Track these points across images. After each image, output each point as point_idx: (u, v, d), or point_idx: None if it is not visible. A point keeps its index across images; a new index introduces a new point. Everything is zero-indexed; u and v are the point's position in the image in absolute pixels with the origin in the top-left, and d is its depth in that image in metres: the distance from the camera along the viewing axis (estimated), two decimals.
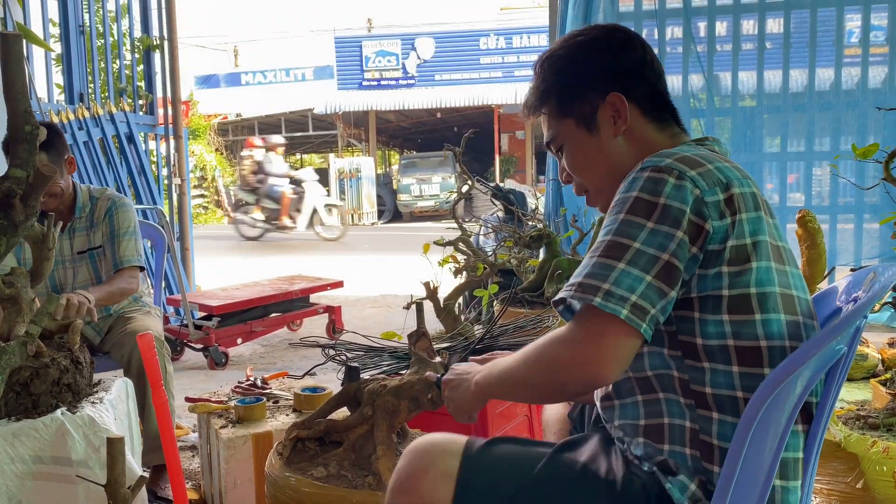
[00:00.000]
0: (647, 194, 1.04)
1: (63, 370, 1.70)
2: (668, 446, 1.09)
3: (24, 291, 1.63)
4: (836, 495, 1.93)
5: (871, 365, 2.46)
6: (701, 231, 1.02)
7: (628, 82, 1.22)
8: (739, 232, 1.03)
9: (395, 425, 1.51)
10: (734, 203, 1.04)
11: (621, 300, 0.98)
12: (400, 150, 26.88)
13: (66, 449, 1.59)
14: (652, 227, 1.02)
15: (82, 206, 2.61)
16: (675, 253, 1.01)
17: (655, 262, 1.00)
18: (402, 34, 19.64)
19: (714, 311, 1.05)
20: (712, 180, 1.04)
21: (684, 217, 1.01)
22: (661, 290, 1.00)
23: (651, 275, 1.00)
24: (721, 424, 1.06)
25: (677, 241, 1.01)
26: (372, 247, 12.13)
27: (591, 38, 1.26)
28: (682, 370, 1.09)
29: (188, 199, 5.77)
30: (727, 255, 1.03)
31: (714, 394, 1.06)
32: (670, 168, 1.05)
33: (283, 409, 2.18)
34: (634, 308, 0.98)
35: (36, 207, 1.26)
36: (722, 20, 4.78)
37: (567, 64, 1.26)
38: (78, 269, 2.63)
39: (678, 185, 1.03)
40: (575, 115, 1.24)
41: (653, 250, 1.01)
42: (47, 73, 4.67)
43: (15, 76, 1.17)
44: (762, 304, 1.04)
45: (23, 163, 1.20)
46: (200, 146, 18.86)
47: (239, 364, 4.52)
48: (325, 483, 1.44)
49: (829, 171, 4.70)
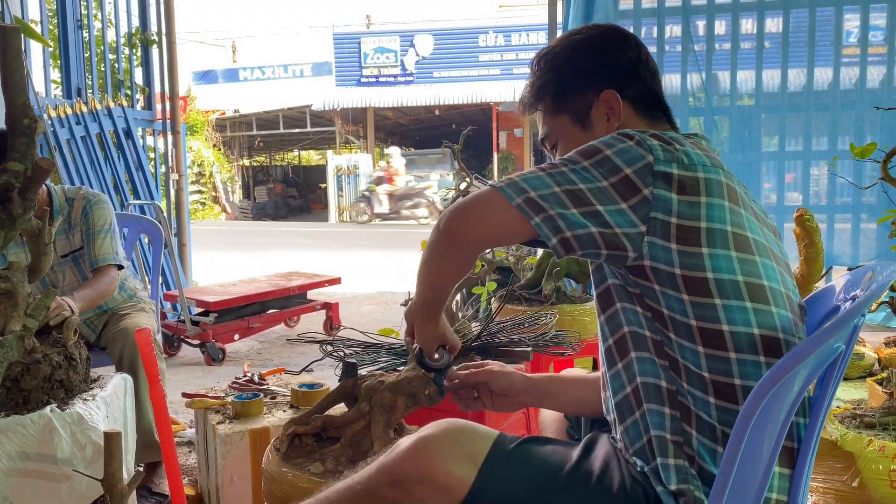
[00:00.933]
0: (602, 145, 1.08)
1: (55, 366, 1.68)
2: (646, 405, 1.10)
3: (20, 286, 1.62)
4: (832, 493, 1.93)
5: (867, 364, 2.47)
6: (636, 191, 1.04)
7: (623, 80, 1.24)
8: (692, 213, 1.04)
9: (392, 421, 1.51)
10: (690, 183, 1.04)
11: (521, 191, 1.04)
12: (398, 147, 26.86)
13: (52, 446, 1.58)
14: (584, 165, 1.06)
15: (59, 209, 2.53)
16: (591, 191, 1.04)
17: (568, 183, 1.05)
18: (401, 31, 19.62)
19: (673, 288, 1.06)
20: (672, 157, 1.05)
21: (619, 173, 1.04)
22: (562, 202, 1.04)
23: (559, 188, 1.04)
24: (692, 396, 1.07)
25: (598, 184, 1.04)
26: (369, 244, 12.12)
27: (587, 37, 1.28)
28: (653, 331, 1.11)
29: (186, 194, 5.76)
30: (674, 231, 1.04)
31: (684, 365, 1.08)
32: (632, 135, 1.08)
33: (280, 405, 2.18)
34: (529, 202, 1.03)
35: (34, 201, 1.26)
36: (721, 19, 4.78)
37: (563, 61, 1.27)
38: (65, 273, 2.59)
39: (629, 148, 1.05)
40: (570, 112, 1.26)
41: (574, 176, 1.05)
42: (45, 68, 4.67)
43: (13, 69, 1.17)
44: (721, 290, 1.05)
45: (21, 156, 1.20)
46: (198, 142, 18.84)
47: (236, 360, 4.52)
48: (323, 479, 1.44)
49: (826, 171, 4.70)
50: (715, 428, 1.06)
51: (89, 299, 2.37)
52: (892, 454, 1.79)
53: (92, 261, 2.52)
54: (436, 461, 1.09)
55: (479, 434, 1.15)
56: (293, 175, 26.32)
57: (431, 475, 1.09)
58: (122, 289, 2.70)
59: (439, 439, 1.11)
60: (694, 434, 1.07)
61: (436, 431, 1.13)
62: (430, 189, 16.58)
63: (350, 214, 17.91)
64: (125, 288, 2.72)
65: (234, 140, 23.51)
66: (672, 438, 1.08)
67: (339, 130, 20.72)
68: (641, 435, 1.12)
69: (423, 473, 1.09)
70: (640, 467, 1.12)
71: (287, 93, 21.11)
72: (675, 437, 1.08)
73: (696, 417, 1.07)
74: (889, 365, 2.38)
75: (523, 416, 2.28)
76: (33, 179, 1.23)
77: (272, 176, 25.41)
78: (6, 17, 3.77)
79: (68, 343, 1.75)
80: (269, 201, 22.40)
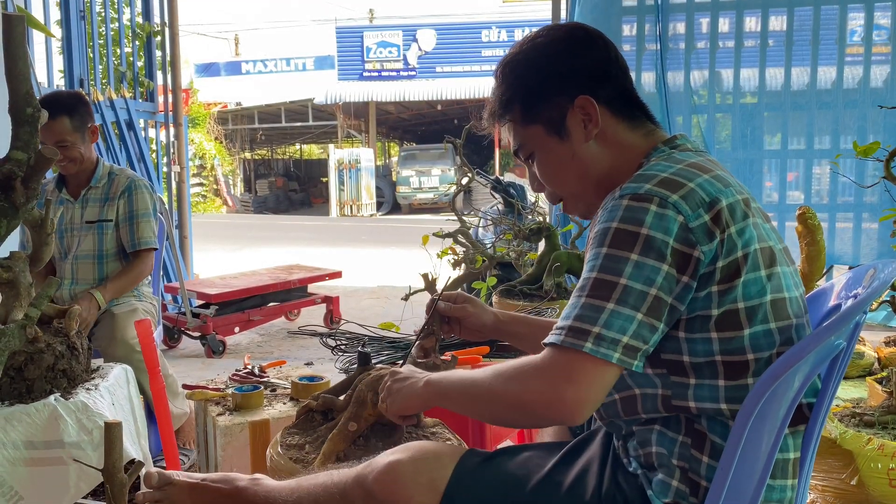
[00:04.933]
0: (629, 224, 0.99)
1: (58, 356, 1.69)
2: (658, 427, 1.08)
3: (21, 275, 1.63)
4: (831, 492, 1.94)
5: (867, 363, 2.47)
6: (689, 259, 0.99)
7: (595, 83, 1.16)
8: (730, 247, 1.00)
9: (362, 415, 1.51)
10: (721, 220, 1.00)
11: (613, 343, 0.96)
12: (400, 141, 26.85)
13: (58, 432, 1.58)
14: (636, 260, 0.98)
15: (100, 177, 2.66)
16: (662, 286, 0.98)
17: (644, 298, 0.97)
18: (404, 25, 19.58)
19: (701, 330, 1.03)
20: (695, 201, 1.00)
21: (667, 248, 0.98)
22: (652, 326, 0.98)
23: (642, 312, 0.97)
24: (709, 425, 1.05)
25: (664, 273, 0.98)
26: (370, 238, 12.12)
27: (551, 40, 1.20)
28: (666, 387, 1.06)
29: (187, 187, 5.76)
30: (718, 276, 1.00)
31: (698, 407, 1.05)
32: (651, 195, 1.00)
33: (280, 397, 2.18)
34: (626, 349, 0.96)
35: (37, 190, 1.26)
36: (725, 17, 4.77)
37: (529, 68, 1.20)
38: (83, 238, 2.64)
39: (660, 214, 0.98)
40: (542, 122, 1.18)
41: (640, 285, 0.97)
42: (47, 58, 4.65)
43: (17, 58, 1.17)
44: (751, 318, 1.02)
45: (24, 145, 1.20)
46: (200, 134, 18.82)
47: (236, 353, 4.52)
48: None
49: (828, 170, 4.70)
50: None
51: (121, 288, 2.52)
52: (890, 453, 1.79)
53: (134, 242, 2.64)
54: (400, 489, 1.10)
55: (442, 459, 1.13)
56: (294, 169, 26.32)
57: (396, 502, 1.10)
58: None
59: (404, 466, 1.11)
60: (704, 461, 1.04)
61: (403, 457, 1.13)
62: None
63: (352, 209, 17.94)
64: None
65: (236, 133, 23.49)
66: (678, 464, 1.06)
67: (341, 124, 20.69)
68: (644, 445, 1.10)
69: (390, 500, 1.11)
70: (634, 469, 1.11)
71: (289, 86, 21.11)
72: (682, 462, 1.06)
73: (711, 443, 1.04)
74: (889, 364, 2.38)
75: None
76: (36, 168, 1.23)
77: (274, 169, 25.41)
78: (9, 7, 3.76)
79: (70, 332, 1.75)
80: (270, 195, 22.40)
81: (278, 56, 23.74)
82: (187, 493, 1.29)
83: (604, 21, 4.55)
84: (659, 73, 4.66)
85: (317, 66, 22.55)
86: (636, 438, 1.11)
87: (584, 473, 1.12)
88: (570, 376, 0.97)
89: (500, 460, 1.16)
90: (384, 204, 19.27)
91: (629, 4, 4.78)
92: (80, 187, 2.65)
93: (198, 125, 18.75)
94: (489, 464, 1.14)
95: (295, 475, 1.43)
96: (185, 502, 1.29)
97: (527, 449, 1.21)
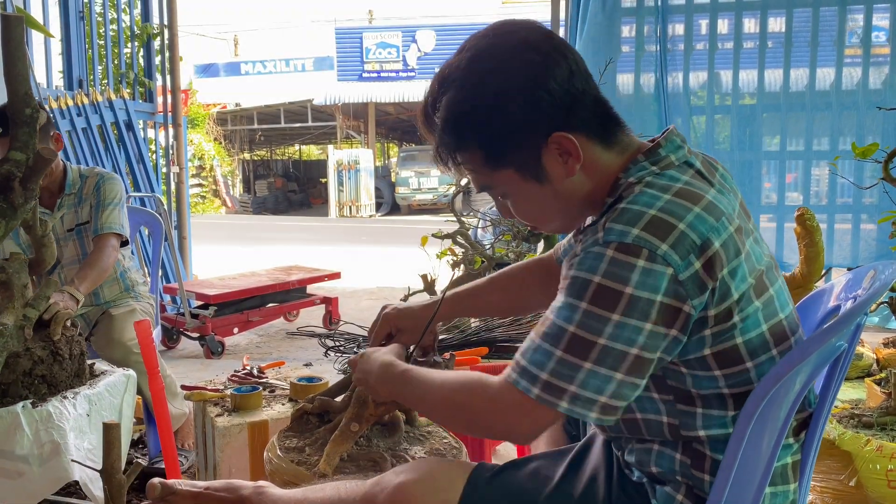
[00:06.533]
0: (613, 281, 0.92)
1: (37, 361, 1.64)
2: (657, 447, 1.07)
3: (15, 277, 1.61)
4: (830, 493, 1.94)
5: (866, 364, 2.47)
6: (678, 314, 0.93)
7: (566, 111, 1.02)
8: (723, 293, 0.95)
9: (364, 416, 1.51)
10: (714, 267, 0.93)
11: (589, 403, 0.93)
12: (399, 142, 26.84)
13: (13, 443, 1.54)
14: (618, 321, 0.92)
15: (72, 183, 2.61)
16: (645, 346, 0.93)
17: (625, 359, 0.93)
18: (403, 26, 19.59)
19: (703, 369, 1.00)
20: (685, 248, 0.92)
21: (653, 307, 0.92)
22: (633, 385, 0.94)
23: (621, 372, 0.93)
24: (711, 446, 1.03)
25: (647, 333, 0.92)
26: (369, 239, 12.12)
27: (504, 74, 1.02)
28: (673, 415, 1.04)
29: (186, 187, 5.76)
30: (711, 322, 0.96)
31: (706, 435, 1.03)
32: (639, 246, 0.92)
33: (279, 398, 2.18)
34: (604, 408, 0.94)
35: (35, 191, 1.26)
36: (724, 18, 4.77)
37: (485, 118, 1.03)
38: (66, 247, 2.62)
39: (648, 270, 0.91)
40: (514, 166, 1.05)
41: (621, 345, 0.92)
42: (46, 59, 4.65)
43: (16, 58, 1.17)
44: (752, 352, 0.99)
45: (23, 146, 1.20)
46: (199, 135, 18.82)
47: (235, 353, 4.52)
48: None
49: (827, 172, 4.70)
50: None
51: (92, 279, 2.40)
52: (889, 454, 1.79)
53: (96, 227, 2.56)
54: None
55: (453, 477, 1.11)
56: (294, 169, 26.31)
57: None
58: (122, 278, 2.71)
59: (414, 487, 1.09)
60: (706, 479, 1.03)
61: (412, 478, 1.10)
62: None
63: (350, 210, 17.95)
64: (125, 278, 2.73)
65: (235, 134, 23.49)
66: (682, 480, 1.05)
67: (340, 125, 20.69)
68: (643, 465, 1.09)
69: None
70: (638, 477, 1.11)
71: (288, 87, 21.09)
72: (685, 479, 1.05)
73: (712, 461, 1.03)
74: (887, 365, 2.38)
75: None
76: (35, 169, 1.23)
77: (273, 170, 25.41)
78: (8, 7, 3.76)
79: (54, 337, 1.71)
80: (269, 195, 22.40)
81: (277, 57, 23.73)
82: (190, 502, 1.28)
83: (605, 21, 4.56)
84: (658, 74, 4.66)
85: (316, 67, 22.55)
86: (635, 456, 1.10)
87: (593, 482, 1.12)
88: (536, 425, 0.98)
89: (509, 474, 1.14)
90: (383, 205, 19.27)
91: (628, 6, 4.78)
92: (53, 198, 2.58)
93: (197, 126, 18.75)
94: (499, 479, 1.13)
95: (298, 477, 1.43)
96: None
97: (533, 460, 1.20)
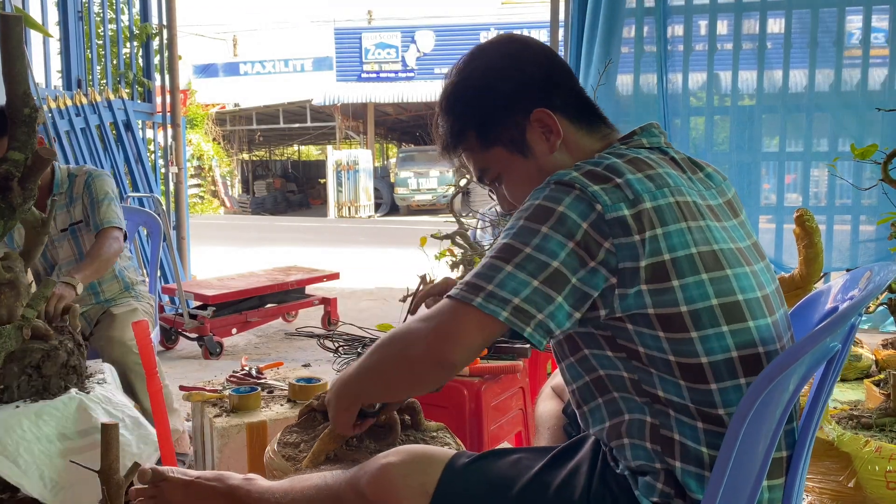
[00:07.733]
0: (548, 202, 1.02)
1: (70, 352, 1.74)
2: (627, 440, 1.08)
3: (21, 275, 1.64)
4: (829, 494, 1.94)
5: (864, 366, 2.47)
6: (599, 248, 0.99)
7: (546, 93, 1.16)
8: (654, 249, 1.00)
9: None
10: (643, 221, 1.00)
11: (502, 302, 0.98)
12: (398, 143, 26.84)
13: (90, 420, 1.64)
14: (545, 233, 1.00)
15: (60, 183, 2.61)
16: (564, 262, 0.99)
17: (544, 269, 0.98)
18: (403, 27, 19.59)
19: (648, 327, 1.03)
20: (617, 196, 1.00)
21: (578, 229, 0.99)
22: (547, 296, 0.98)
23: (538, 280, 0.98)
24: (679, 423, 1.05)
25: (568, 250, 0.99)
26: (368, 240, 12.12)
27: (488, 61, 1.20)
28: (630, 370, 1.07)
29: (185, 188, 5.76)
30: (644, 275, 1.00)
31: (666, 398, 1.05)
32: (573, 183, 1.02)
33: (277, 398, 2.18)
34: (516, 311, 0.97)
35: (34, 190, 1.26)
36: (723, 19, 4.78)
37: (476, 94, 1.19)
38: (61, 248, 2.63)
39: (579, 198, 1.00)
40: (502, 143, 1.19)
41: (543, 256, 0.99)
42: (45, 59, 4.65)
43: (14, 58, 1.17)
44: (696, 322, 1.01)
45: (21, 146, 1.20)
46: (198, 135, 18.81)
47: (234, 354, 4.52)
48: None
49: (826, 173, 4.70)
50: (702, 454, 1.03)
51: (93, 268, 2.41)
52: (888, 455, 1.79)
53: (96, 223, 2.57)
54: (392, 492, 1.12)
55: (433, 462, 1.15)
56: (292, 170, 26.31)
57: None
58: (121, 276, 2.72)
59: (396, 469, 1.13)
60: (678, 465, 1.04)
61: (395, 460, 1.14)
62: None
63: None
64: (124, 276, 2.74)
65: (234, 134, 23.49)
66: (660, 467, 1.06)
67: (340, 126, 20.69)
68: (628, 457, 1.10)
69: (381, 502, 1.12)
70: (622, 470, 1.11)
71: (287, 87, 21.09)
72: (662, 466, 1.06)
73: (682, 446, 1.04)
74: (886, 366, 2.38)
75: (520, 413, 2.28)
76: (33, 169, 1.23)
77: (271, 170, 25.41)
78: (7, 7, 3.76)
79: (75, 330, 1.79)
80: (268, 196, 22.39)
81: (276, 57, 23.71)
82: (181, 490, 1.29)
83: (605, 22, 4.56)
84: (658, 75, 4.66)
85: (315, 68, 22.54)
86: (615, 453, 1.11)
87: (573, 474, 1.13)
88: (460, 326, 0.99)
89: (489, 461, 1.16)
90: (382, 205, 19.27)
91: (628, 6, 4.78)
92: (42, 199, 2.52)
93: (196, 126, 18.74)
94: (477, 465, 1.15)
95: (286, 473, 1.43)
96: (178, 499, 1.29)
97: (517, 451, 1.22)
